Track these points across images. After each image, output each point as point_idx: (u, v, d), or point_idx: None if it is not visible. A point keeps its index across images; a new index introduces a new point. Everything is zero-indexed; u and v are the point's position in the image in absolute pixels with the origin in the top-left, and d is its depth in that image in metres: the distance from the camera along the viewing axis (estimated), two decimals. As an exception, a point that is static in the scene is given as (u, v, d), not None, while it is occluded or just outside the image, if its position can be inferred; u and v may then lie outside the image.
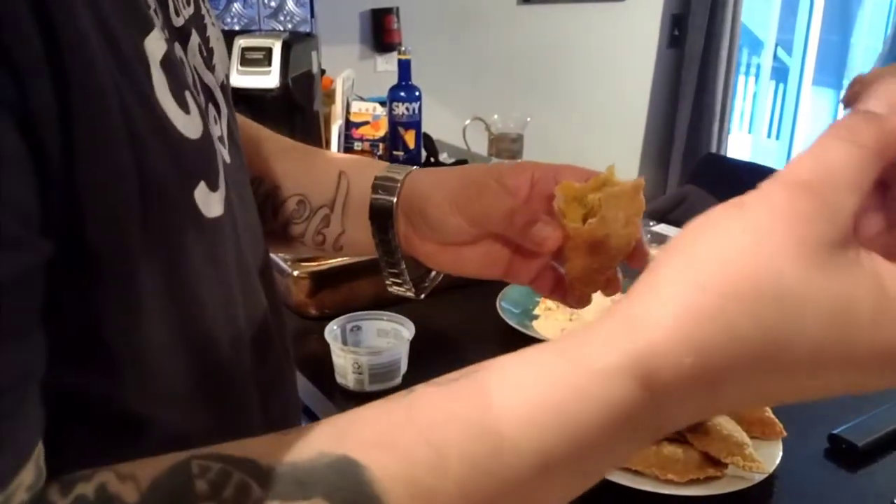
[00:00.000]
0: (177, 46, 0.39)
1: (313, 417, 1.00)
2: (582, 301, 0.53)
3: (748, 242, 0.27)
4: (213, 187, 0.36)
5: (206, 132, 0.37)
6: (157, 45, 0.33)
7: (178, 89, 0.34)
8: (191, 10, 0.44)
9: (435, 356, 1.02)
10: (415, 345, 0.97)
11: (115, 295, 0.31)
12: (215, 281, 0.38)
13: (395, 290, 0.61)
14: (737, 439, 0.79)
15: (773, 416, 0.84)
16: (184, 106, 0.34)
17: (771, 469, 0.78)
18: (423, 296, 0.62)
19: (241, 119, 0.60)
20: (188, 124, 0.34)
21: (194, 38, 0.43)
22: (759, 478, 0.77)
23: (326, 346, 0.96)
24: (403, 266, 0.58)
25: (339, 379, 0.96)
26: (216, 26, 0.50)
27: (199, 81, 0.42)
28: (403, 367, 0.96)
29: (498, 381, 0.31)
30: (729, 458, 0.77)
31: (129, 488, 0.28)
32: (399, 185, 0.56)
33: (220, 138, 0.44)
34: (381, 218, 0.56)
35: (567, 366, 0.30)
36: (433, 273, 0.61)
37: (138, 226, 0.31)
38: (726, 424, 0.81)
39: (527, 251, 0.52)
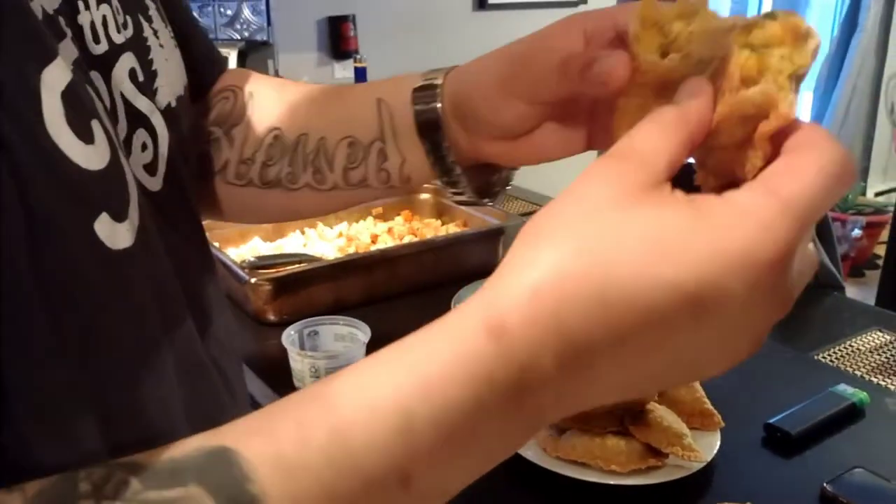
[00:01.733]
0: (93, 74, 0.38)
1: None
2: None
3: (581, 215, 0.30)
4: (118, 218, 0.34)
5: (115, 161, 0.34)
6: (57, 76, 0.32)
7: (79, 120, 0.32)
8: (129, 32, 0.43)
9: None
10: (371, 348, 0.99)
11: (6, 336, 0.29)
12: (123, 314, 0.35)
13: (461, 199, 0.55)
14: (676, 430, 0.83)
15: (711, 407, 0.89)
16: (85, 136, 0.33)
17: (709, 458, 0.83)
18: (492, 202, 0.58)
19: (274, 81, 0.59)
20: (90, 155, 0.33)
21: (125, 63, 0.42)
22: (698, 466, 0.81)
23: (284, 351, 0.98)
24: (462, 177, 0.52)
25: (296, 383, 0.98)
26: (167, 47, 0.48)
27: (126, 108, 0.41)
28: None
29: (364, 361, 0.32)
30: (669, 448, 0.81)
31: (14, 497, 0.28)
32: (439, 90, 0.50)
33: (148, 165, 0.43)
34: (431, 131, 0.51)
35: (423, 336, 0.32)
36: (502, 173, 0.56)
37: (26, 262, 0.29)
38: (667, 416, 0.85)
39: (603, 113, 0.45)
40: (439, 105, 0.50)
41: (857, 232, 3.47)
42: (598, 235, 0.29)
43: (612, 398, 0.31)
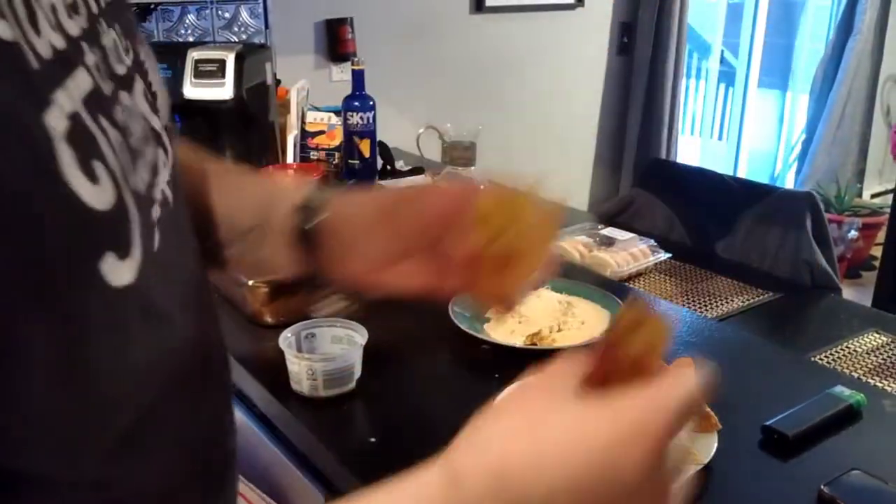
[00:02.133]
0: (122, 94, 0.40)
1: (269, 424, 1.03)
2: (507, 306, 0.58)
3: (515, 422, 0.40)
4: (122, 256, 0.35)
5: (120, 199, 0.35)
6: (57, 120, 0.32)
7: (85, 160, 0.33)
8: (130, 58, 0.43)
9: (388, 361, 1.05)
10: (368, 350, 0.99)
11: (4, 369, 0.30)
12: (120, 350, 0.36)
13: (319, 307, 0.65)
14: (674, 432, 0.83)
15: (708, 410, 0.89)
16: (91, 177, 0.33)
17: (706, 460, 0.83)
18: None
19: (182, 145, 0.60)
20: (97, 195, 0.34)
21: (138, 84, 0.43)
22: (695, 468, 0.81)
23: (281, 353, 0.98)
24: (324, 284, 0.64)
25: (294, 385, 0.98)
26: (157, 72, 0.50)
27: (149, 128, 0.43)
28: (357, 373, 0.99)
29: None
30: (667, 450, 0.81)
31: None
32: (320, 211, 0.58)
33: (170, 182, 0.45)
34: (305, 242, 0.58)
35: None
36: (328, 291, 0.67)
37: (32, 301, 0.31)
38: (664, 419, 0.85)
39: (444, 270, 0.56)
40: (315, 224, 0.58)
41: (853, 234, 3.48)
42: (534, 435, 0.38)
43: None
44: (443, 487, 0.38)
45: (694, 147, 4.56)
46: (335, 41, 2.55)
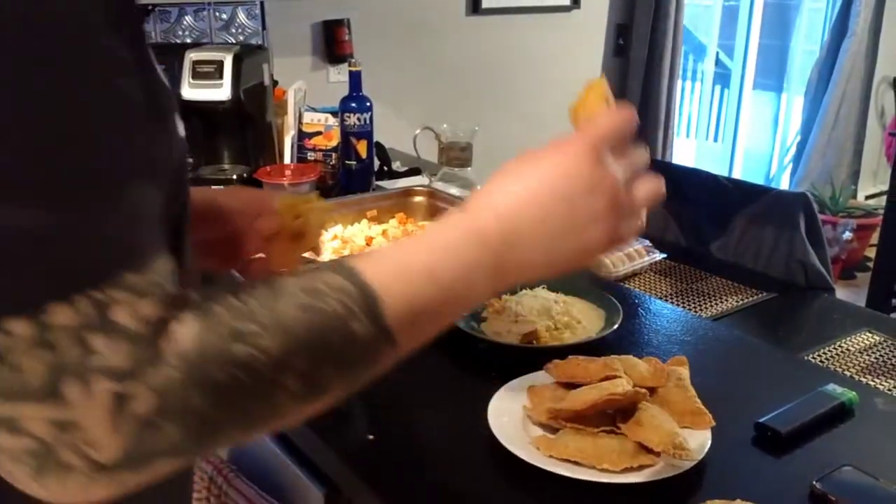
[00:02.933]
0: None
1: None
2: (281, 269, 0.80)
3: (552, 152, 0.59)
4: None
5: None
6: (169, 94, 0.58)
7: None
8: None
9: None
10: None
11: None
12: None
13: None
14: (668, 429, 0.84)
15: (702, 406, 0.90)
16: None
17: (700, 456, 0.84)
18: None
19: None
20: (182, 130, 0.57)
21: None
22: (689, 464, 0.82)
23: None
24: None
25: None
26: None
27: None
28: None
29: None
30: (661, 446, 0.82)
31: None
32: None
33: None
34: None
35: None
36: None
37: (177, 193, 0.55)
38: (659, 416, 0.86)
39: (239, 249, 0.81)
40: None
41: (847, 235, 3.50)
42: (527, 171, 0.58)
43: (540, 256, 0.57)
44: (461, 225, 0.56)
45: (690, 148, 4.57)
46: (332, 42, 2.56)
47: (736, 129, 4.30)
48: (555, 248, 0.56)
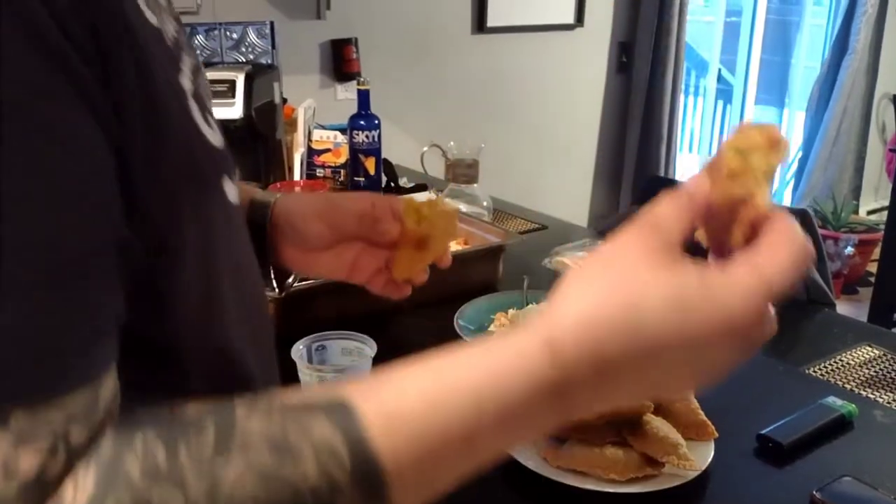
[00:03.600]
0: (197, 80, 0.50)
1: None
2: (402, 291, 0.77)
3: (617, 267, 0.41)
4: (232, 180, 0.50)
5: (223, 141, 0.49)
6: (186, 82, 0.46)
7: (203, 113, 0.46)
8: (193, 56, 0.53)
9: (397, 372, 1.09)
10: (378, 362, 1.02)
11: (168, 259, 0.42)
12: (228, 254, 0.50)
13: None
14: (672, 440, 0.86)
15: (705, 419, 0.92)
16: (208, 125, 0.47)
17: (703, 467, 0.86)
18: (283, 293, 0.79)
19: None
20: (213, 137, 0.47)
21: (202, 74, 0.54)
22: (693, 475, 0.85)
23: (292, 364, 1.01)
24: (271, 271, 0.75)
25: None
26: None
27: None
28: None
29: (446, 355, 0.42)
30: (665, 457, 0.85)
31: (190, 408, 0.38)
32: (270, 206, 0.72)
33: None
34: (257, 233, 0.70)
35: (495, 344, 0.42)
36: (293, 277, 0.80)
37: (189, 205, 0.43)
38: (663, 427, 0.88)
39: (366, 259, 0.75)
40: (268, 215, 0.72)
41: (849, 250, 3.52)
42: (629, 285, 0.40)
43: (626, 401, 0.48)
44: (542, 356, 0.39)
45: (693, 164, 4.60)
46: (340, 61, 2.60)
47: (738, 145, 4.32)
48: (650, 379, 0.41)
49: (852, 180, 4.15)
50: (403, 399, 0.38)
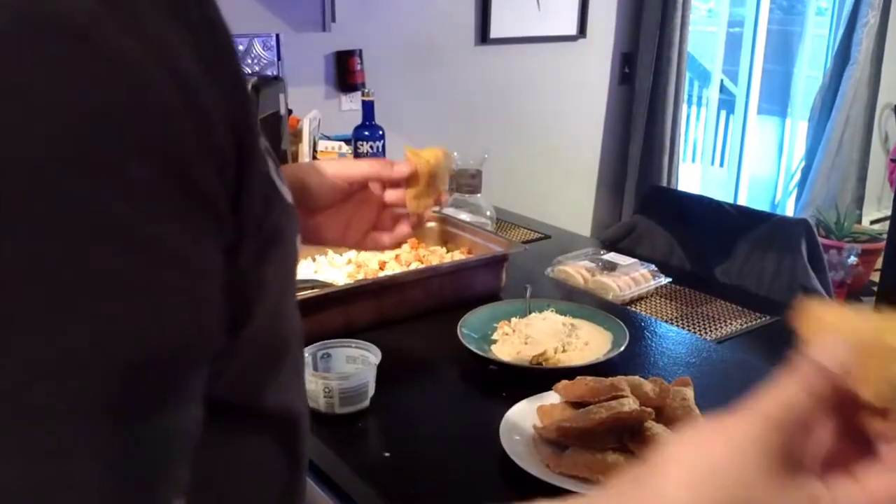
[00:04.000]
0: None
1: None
2: (419, 224, 0.93)
3: (730, 460, 0.37)
4: (298, 235, 0.48)
5: (292, 197, 0.46)
6: (264, 145, 0.41)
7: (278, 173, 0.43)
8: None
9: (401, 379, 1.10)
10: (382, 369, 1.04)
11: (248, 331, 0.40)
12: (292, 296, 0.51)
13: None
14: (673, 446, 0.87)
15: (706, 425, 0.93)
16: (284, 185, 0.44)
17: (704, 472, 0.87)
18: None
19: None
20: (288, 195, 0.44)
21: None
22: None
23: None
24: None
25: (311, 403, 1.03)
26: None
27: None
28: (371, 391, 1.04)
29: None
30: (666, 463, 0.86)
31: None
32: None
33: None
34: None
35: None
36: None
37: (278, 257, 0.42)
38: (664, 434, 0.90)
39: (357, 220, 0.88)
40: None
41: (853, 259, 3.52)
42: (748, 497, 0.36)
43: None
44: None
45: (695, 174, 4.62)
46: (345, 72, 2.63)
47: (741, 155, 4.34)
48: None
49: (855, 190, 4.16)
50: None
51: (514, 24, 3.02)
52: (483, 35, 2.96)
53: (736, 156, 4.36)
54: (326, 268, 1.41)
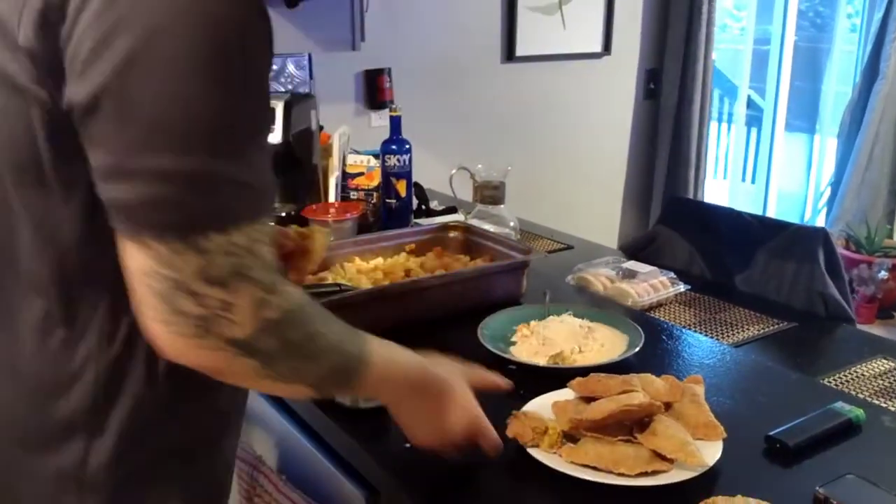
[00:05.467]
0: None
1: (314, 434, 1.13)
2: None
3: (453, 366, 0.97)
4: None
5: None
6: None
7: None
8: None
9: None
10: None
11: None
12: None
13: None
14: (681, 438, 0.91)
15: (715, 420, 0.97)
16: None
17: (711, 463, 0.91)
18: None
19: None
20: None
21: None
22: (700, 470, 0.89)
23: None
24: None
25: (339, 400, 1.08)
26: None
27: None
28: None
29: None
30: (674, 454, 0.89)
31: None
32: None
33: None
34: None
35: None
36: None
37: None
38: (672, 426, 0.93)
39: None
40: None
41: (883, 274, 3.50)
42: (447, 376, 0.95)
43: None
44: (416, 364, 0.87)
45: (723, 190, 4.62)
46: (374, 90, 2.71)
47: (769, 171, 4.34)
48: (436, 413, 0.88)
49: (886, 205, 4.12)
50: (381, 344, 0.82)
51: (540, 43, 3.08)
52: (509, 53, 3.02)
53: (764, 172, 4.36)
54: (354, 275, 1.47)
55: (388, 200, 1.92)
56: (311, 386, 0.74)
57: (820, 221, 4.37)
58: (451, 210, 2.08)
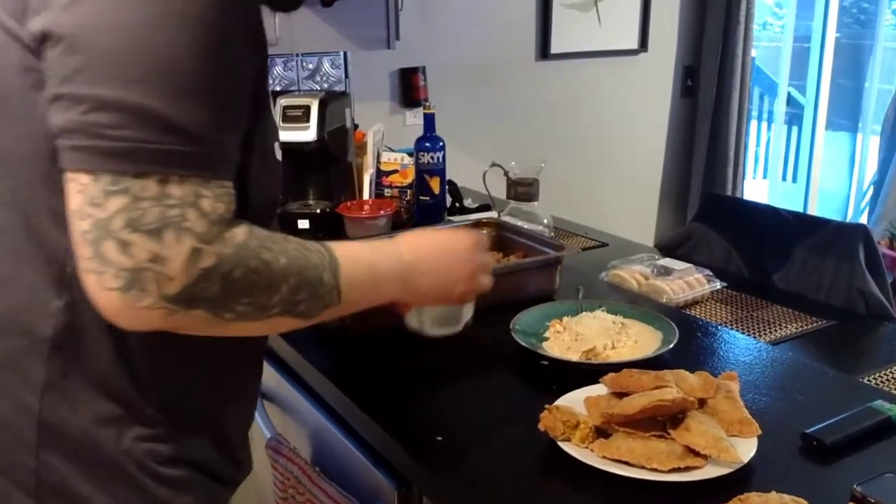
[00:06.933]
0: None
1: (346, 425, 1.14)
2: None
3: (439, 236, 1.00)
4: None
5: None
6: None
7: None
8: None
9: (456, 372, 1.16)
10: (437, 364, 1.10)
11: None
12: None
13: None
14: (714, 434, 0.90)
15: (749, 416, 0.96)
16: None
17: (746, 460, 0.89)
18: None
19: None
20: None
21: None
22: (734, 467, 0.88)
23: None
24: None
25: (408, 321, 1.10)
26: None
27: None
28: (467, 316, 1.15)
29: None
30: (707, 450, 0.89)
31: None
32: None
33: None
34: None
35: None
36: None
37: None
38: (705, 422, 0.92)
39: None
40: None
41: (928, 274, 3.42)
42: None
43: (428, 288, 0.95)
44: (391, 248, 0.91)
45: (763, 189, 4.55)
46: (408, 88, 2.72)
47: (809, 170, 4.26)
48: (437, 280, 0.95)
49: (932, 203, 4.02)
50: (345, 244, 0.83)
51: (575, 40, 3.06)
52: (544, 51, 3.01)
53: (805, 171, 4.28)
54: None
55: (421, 198, 1.93)
56: (285, 314, 0.73)
57: (862, 221, 4.28)
58: (485, 208, 2.09)
